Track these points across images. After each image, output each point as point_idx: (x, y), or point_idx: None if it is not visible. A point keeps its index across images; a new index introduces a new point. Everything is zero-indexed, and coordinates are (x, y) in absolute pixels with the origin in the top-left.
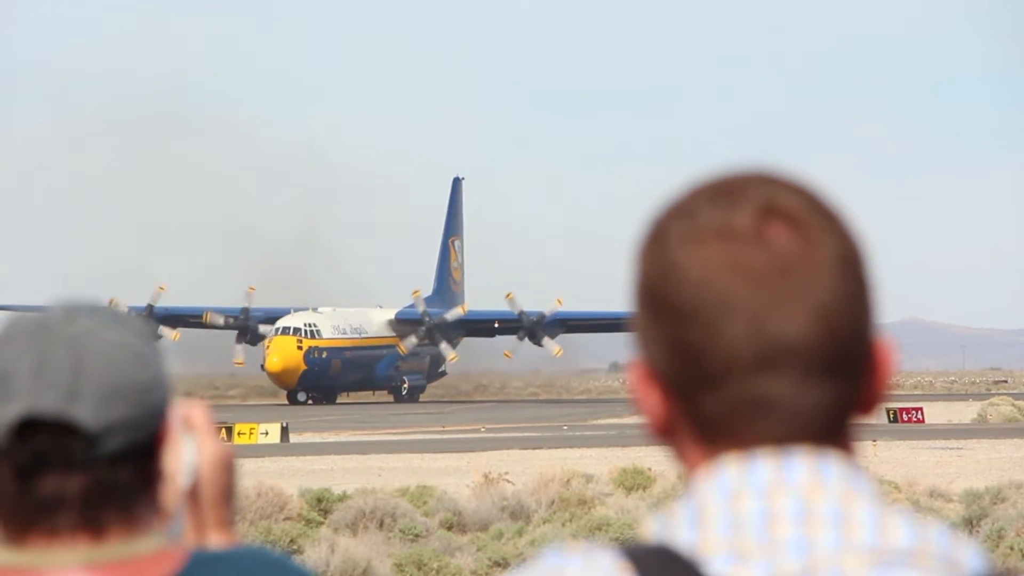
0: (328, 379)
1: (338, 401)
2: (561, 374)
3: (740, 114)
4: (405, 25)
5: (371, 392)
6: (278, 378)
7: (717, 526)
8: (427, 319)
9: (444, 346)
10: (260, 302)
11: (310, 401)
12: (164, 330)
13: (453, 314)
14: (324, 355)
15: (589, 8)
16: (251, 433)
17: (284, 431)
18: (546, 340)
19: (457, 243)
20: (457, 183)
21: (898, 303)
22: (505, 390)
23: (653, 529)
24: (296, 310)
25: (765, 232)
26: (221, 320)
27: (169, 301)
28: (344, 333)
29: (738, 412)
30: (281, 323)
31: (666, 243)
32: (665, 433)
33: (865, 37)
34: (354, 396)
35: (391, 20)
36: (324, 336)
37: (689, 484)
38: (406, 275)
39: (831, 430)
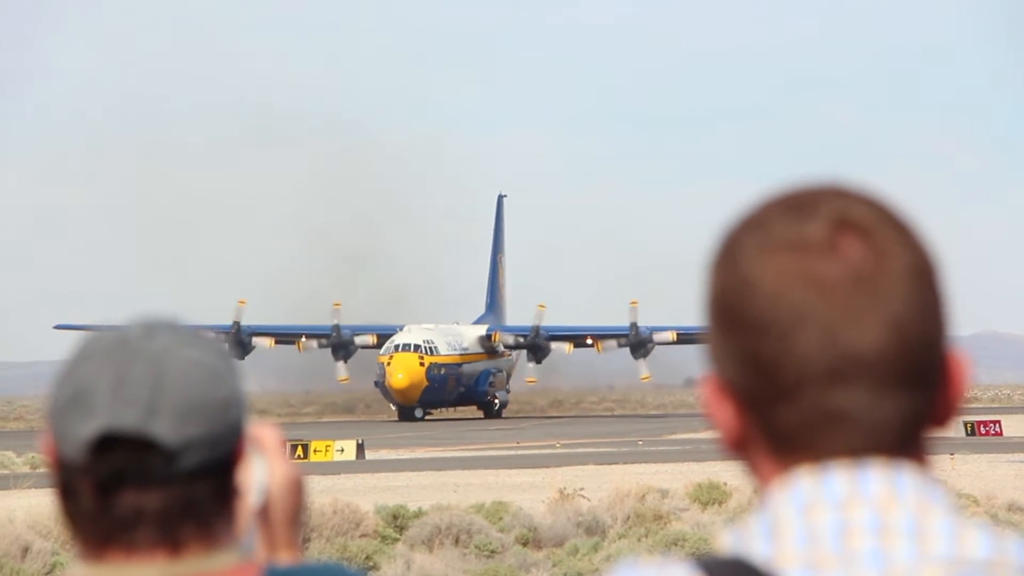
0: (445, 395)
1: (429, 417)
2: (636, 389)
3: (813, 130)
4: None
5: (452, 408)
6: (402, 394)
7: (792, 539)
8: (538, 334)
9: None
10: (303, 317)
11: (426, 417)
12: (258, 340)
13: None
14: (443, 371)
15: (650, 25)
16: (327, 450)
17: (360, 448)
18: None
19: (503, 259)
20: (501, 200)
21: (975, 316)
22: (580, 405)
23: (728, 542)
24: (394, 328)
25: (838, 244)
26: (315, 344)
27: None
28: (454, 349)
29: (812, 425)
30: (399, 340)
31: (739, 256)
32: (738, 447)
33: (937, 48)
34: (441, 412)
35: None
36: (441, 353)
37: (763, 497)
38: (450, 290)
39: (905, 442)
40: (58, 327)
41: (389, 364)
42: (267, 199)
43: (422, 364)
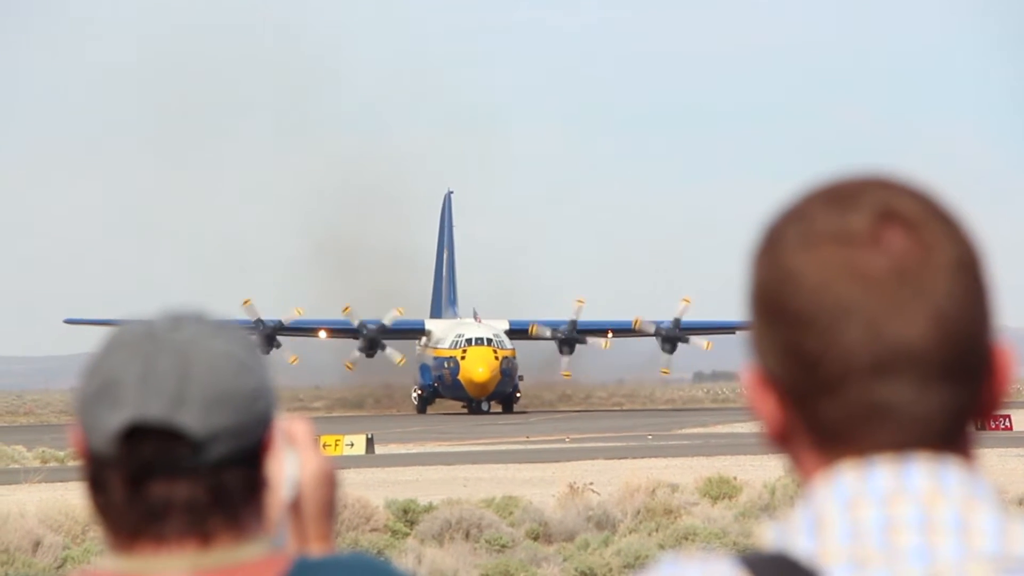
0: (506, 387)
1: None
2: (645, 384)
3: (829, 131)
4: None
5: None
6: (481, 387)
7: (836, 534)
8: (575, 328)
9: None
10: (309, 311)
11: (493, 410)
12: (282, 339)
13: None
14: (508, 364)
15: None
16: (336, 445)
17: (369, 442)
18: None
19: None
20: (448, 197)
21: (1019, 309)
22: (589, 400)
23: (770, 537)
24: (417, 323)
25: (882, 236)
26: (356, 324)
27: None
28: (506, 344)
29: (855, 418)
30: (470, 333)
31: (781, 248)
32: (781, 440)
33: (952, 49)
34: (452, 406)
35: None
36: (506, 346)
37: (806, 491)
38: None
39: (950, 436)
40: (68, 321)
41: (464, 358)
42: (276, 195)
43: (496, 357)
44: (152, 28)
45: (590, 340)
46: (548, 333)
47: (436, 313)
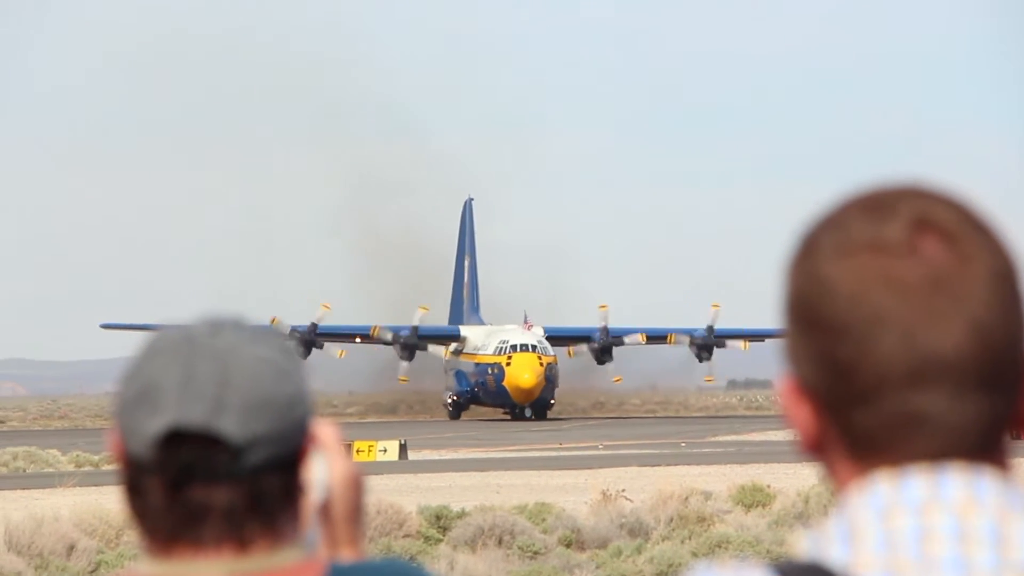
0: (549, 394)
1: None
2: (678, 391)
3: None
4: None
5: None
6: (526, 394)
7: (870, 543)
8: (606, 336)
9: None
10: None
11: (533, 417)
12: (331, 347)
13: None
14: (553, 371)
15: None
16: (370, 450)
17: (403, 448)
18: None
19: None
20: (469, 204)
21: None
22: (622, 407)
23: (804, 546)
24: (452, 330)
25: (918, 245)
26: (389, 336)
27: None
28: (549, 350)
29: (890, 428)
30: (515, 339)
31: (817, 257)
32: (816, 448)
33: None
34: (484, 413)
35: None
36: (549, 353)
37: (841, 500)
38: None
39: (985, 446)
40: (105, 326)
41: (509, 364)
42: (315, 199)
43: (541, 364)
44: (181, 30)
45: (626, 342)
46: (585, 348)
47: (456, 319)
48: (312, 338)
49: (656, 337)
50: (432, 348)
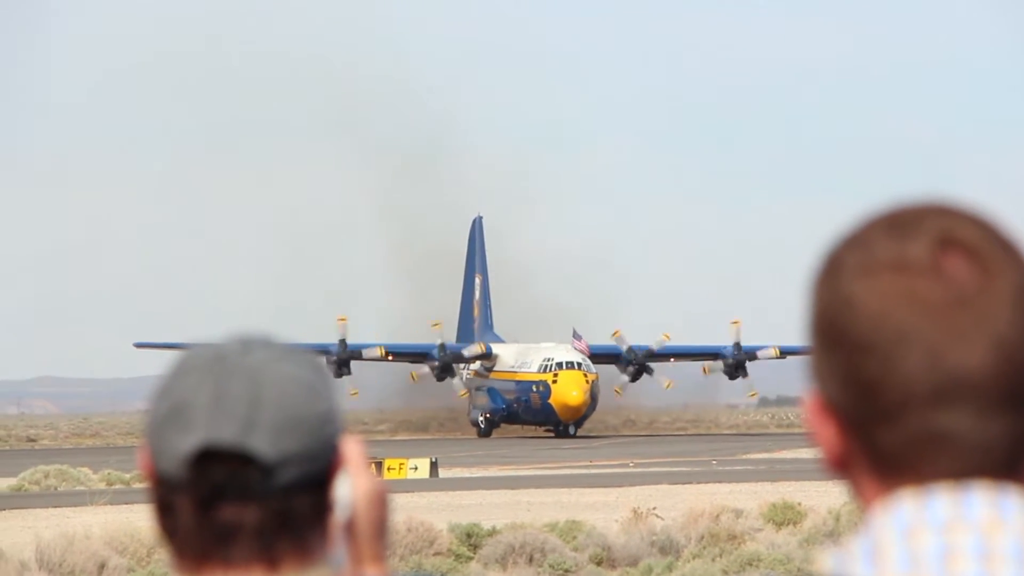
0: (591, 412)
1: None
2: (709, 408)
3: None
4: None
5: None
6: (573, 411)
7: (894, 562)
8: (634, 354)
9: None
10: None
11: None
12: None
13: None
14: (596, 388)
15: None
16: (400, 468)
17: (433, 466)
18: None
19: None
20: (478, 222)
21: None
22: (653, 425)
23: (829, 565)
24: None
25: (942, 264)
26: (426, 367)
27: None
28: (591, 368)
29: (915, 446)
30: (560, 356)
31: (842, 275)
32: (841, 466)
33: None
34: (514, 431)
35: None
36: (592, 370)
37: (865, 519)
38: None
39: (1010, 465)
40: (138, 345)
41: (555, 381)
42: (346, 212)
43: (587, 381)
44: (214, 41)
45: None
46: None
47: (466, 337)
48: (347, 356)
49: (686, 355)
50: (456, 381)
